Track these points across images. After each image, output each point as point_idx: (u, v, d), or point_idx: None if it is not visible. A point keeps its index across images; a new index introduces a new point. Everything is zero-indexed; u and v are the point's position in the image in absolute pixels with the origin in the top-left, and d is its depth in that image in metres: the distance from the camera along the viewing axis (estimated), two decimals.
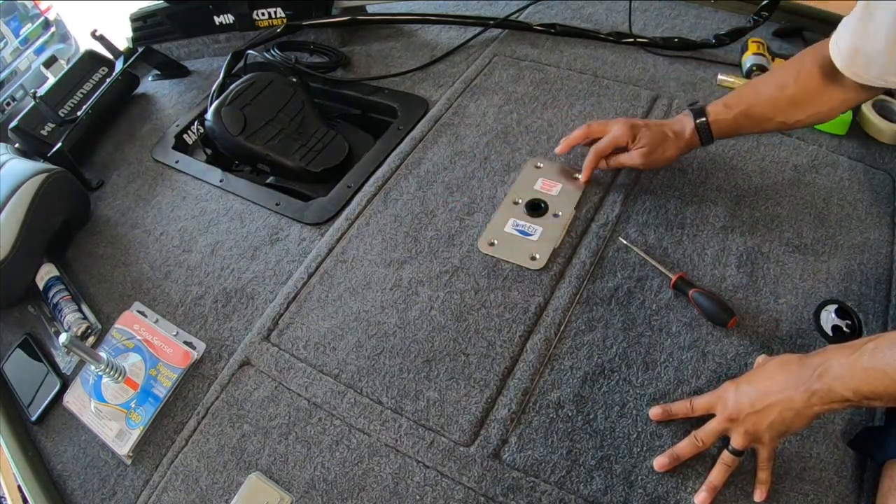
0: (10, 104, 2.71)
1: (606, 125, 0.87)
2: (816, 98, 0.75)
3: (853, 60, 0.67)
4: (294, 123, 1.04)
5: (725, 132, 0.82)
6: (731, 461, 0.62)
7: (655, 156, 0.83)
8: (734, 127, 0.81)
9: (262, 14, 1.23)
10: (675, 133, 0.83)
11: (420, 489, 0.66)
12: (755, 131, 0.84)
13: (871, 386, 0.53)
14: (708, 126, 0.81)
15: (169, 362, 0.82)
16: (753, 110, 0.79)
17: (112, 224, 1.05)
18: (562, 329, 0.76)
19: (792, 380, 0.58)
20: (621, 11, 1.20)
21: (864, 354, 0.54)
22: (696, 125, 0.81)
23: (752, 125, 0.81)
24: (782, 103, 0.77)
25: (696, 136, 0.82)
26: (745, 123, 0.81)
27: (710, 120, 0.81)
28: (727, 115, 0.80)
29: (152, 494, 0.73)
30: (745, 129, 0.83)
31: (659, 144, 0.83)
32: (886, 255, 0.80)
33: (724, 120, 0.80)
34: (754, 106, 0.79)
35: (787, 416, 0.58)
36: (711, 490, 0.61)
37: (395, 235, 0.89)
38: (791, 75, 0.76)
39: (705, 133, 0.82)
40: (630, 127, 0.84)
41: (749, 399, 0.60)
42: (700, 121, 0.81)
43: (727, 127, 0.81)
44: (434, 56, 1.18)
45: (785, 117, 0.78)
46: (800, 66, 0.76)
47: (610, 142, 0.85)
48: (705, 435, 0.63)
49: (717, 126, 0.81)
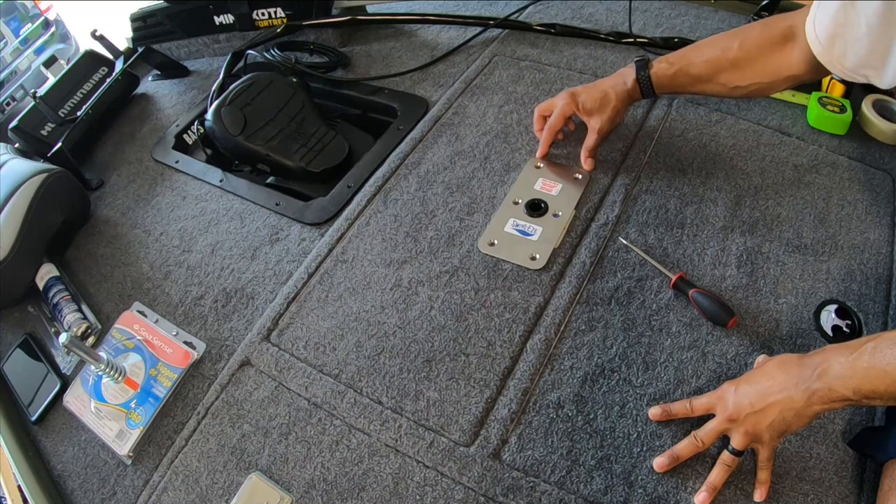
0: (10, 104, 2.72)
1: (551, 103, 0.92)
2: (759, 66, 0.76)
3: (830, 48, 0.66)
4: (294, 123, 1.04)
5: (666, 87, 0.85)
6: (731, 461, 0.62)
7: (606, 117, 0.87)
8: (674, 83, 0.84)
9: (262, 14, 1.23)
10: (615, 87, 0.87)
11: (420, 489, 0.66)
12: (696, 90, 0.85)
13: (871, 385, 0.53)
14: (649, 79, 0.84)
15: (169, 362, 0.82)
16: (693, 69, 0.81)
17: (112, 224, 1.05)
18: (562, 329, 0.76)
19: (792, 380, 0.58)
20: (621, 11, 1.20)
21: (864, 354, 0.54)
22: (638, 77, 0.85)
23: (692, 83, 0.83)
24: (723, 64, 0.78)
25: (638, 88, 0.85)
26: (685, 81, 0.83)
27: (651, 73, 0.84)
28: (668, 71, 0.83)
29: (152, 494, 0.73)
30: (686, 87, 0.85)
31: (602, 102, 0.87)
32: (886, 255, 0.80)
33: (664, 75, 0.83)
34: (695, 64, 0.81)
35: (787, 416, 0.58)
36: (711, 490, 0.61)
37: (395, 235, 0.89)
38: (737, 40, 0.77)
39: (646, 86, 0.85)
40: (571, 95, 0.88)
41: (749, 399, 0.60)
42: (642, 74, 0.84)
43: (668, 82, 0.84)
44: (434, 56, 1.18)
45: (725, 80, 0.79)
46: (747, 32, 0.77)
47: (558, 115, 0.89)
48: (705, 435, 0.63)
49: (658, 80, 0.84)
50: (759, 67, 0.76)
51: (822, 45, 0.67)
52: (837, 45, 0.65)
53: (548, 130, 0.92)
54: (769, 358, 0.65)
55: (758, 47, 0.76)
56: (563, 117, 0.90)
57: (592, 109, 0.87)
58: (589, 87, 0.89)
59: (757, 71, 0.77)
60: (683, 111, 0.98)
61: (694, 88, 0.85)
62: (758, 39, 0.76)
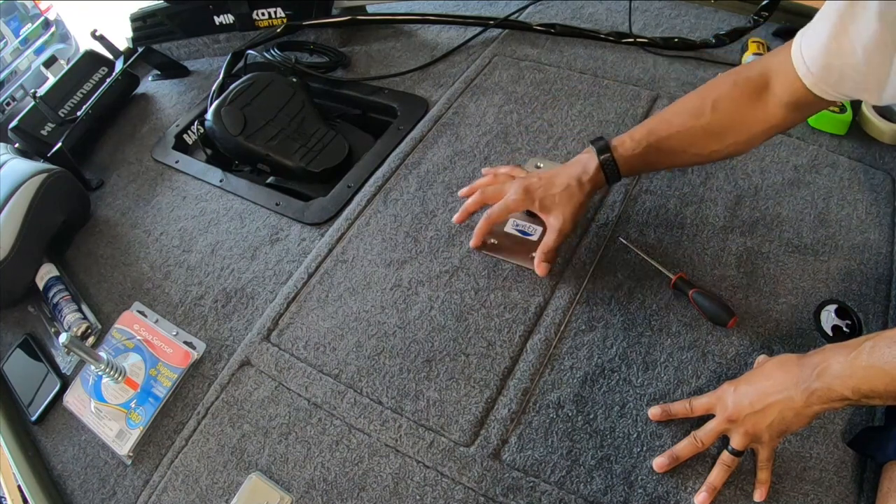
0: (10, 104, 2.72)
1: (502, 189, 0.79)
2: (736, 126, 0.69)
3: (824, 77, 0.61)
4: (294, 123, 1.04)
5: (634, 168, 0.75)
6: (731, 461, 0.62)
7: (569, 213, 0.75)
8: (643, 162, 0.74)
9: (262, 14, 1.23)
10: (577, 178, 0.75)
11: (420, 489, 0.66)
12: (667, 165, 0.77)
13: (870, 384, 0.53)
14: (614, 162, 0.74)
15: (169, 362, 0.82)
16: (665, 143, 0.72)
17: (112, 224, 1.05)
18: (562, 329, 0.76)
19: (791, 379, 0.58)
20: (621, 11, 1.20)
21: (862, 353, 0.54)
22: (601, 162, 0.74)
23: (663, 159, 0.74)
24: (697, 134, 0.70)
25: (602, 174, 0.75)
26: (656, 158, 0.73)
27: (616, 155, 0.73)
28: (635, 150, 0.73)
29: (152, 494, 0.73)
30: (657, 164, 0.76)
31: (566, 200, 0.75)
32: (886, 255, 0.80)
33: (631, 155, 0.73)
34: (666, 139, 0.72)
35: (787, 416, 0.58)
36: (711, 490, 0.61)
37: (395, 235, 0.89)
38: (707, 103, 0.70)
39: (611, 170, 0.74)
40: (525, 192, 0.77)
41: (748, 399, 0.60)
42: (604, 157, 0.74)
43: (636, 162, 0.73)
44: (434, 56, 1.18)
45: (699, 149, 0.71)
46: (717, 91, 0.70)
47: (502, 209, 0.78)
48: (705, 435, 0.63)
49: (625, 162, 0.73)
50: (737, 127, 0.69)
51: (815, 76, 0.62)
52: (832, 75, 0.61)
53: (485, 221, 0.80)
54: (769, 358, 0.65)
55: (733, 105, 0.69)
56: (506, 212, 0.79)
57: (551, 206, 0.76)
58: (545, 179, 0.77)
59: (735, 131, 0.70)
60: None
61: (666, 163, 0.77)
62: (731, 96, 0.69)
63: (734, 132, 0.70)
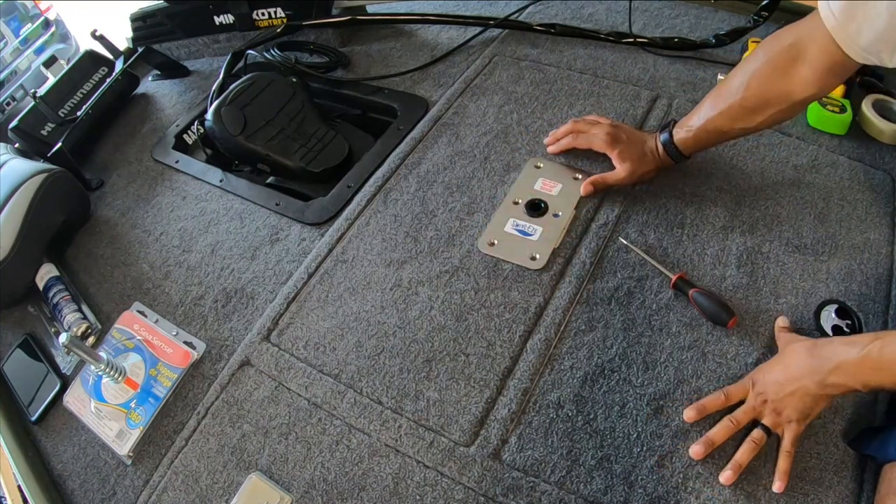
0: (10, 104, 2.72)
1: (591, 127, 0.90)
2: (774, 99, 0.74)
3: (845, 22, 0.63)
4: (294, 123, 1.04)
5: (692, 148, 0.84)
6: (760, 438, 0.64)
7: (638, 173, 0.85)
8: (699, 143, 0.83)
9: (262, 14, 1.23)
10: (652, 150, 0.86)
11: (420, 489, 0.66)
12: (723, 140, 0.85)
13: (879, 380, 0.59)
14: (675, 146, 0.84)
15: (169, 362, 0.82)
16: (711, 125, 0.80)
17: (112, 224, 1.05)
18: (562, 329, 0.76)
19: (805, 371, 0.62)
20: (621, 11, 1.20)
21: (871, 353, 0.58)
22: (665, 147, 0.84)
23: (716, 137, 0.83)
24: (738, 112, 0.77)
25: (667, 156, 0.85)
26: (709, 138, 0.82)
27: (675, 140, 0.83)
28: (689, 135, 0.82)
29: (152, 494, 0.73)
30: (712, 142, 0.84)
31: (639, 160, 0.86)
32: (886, 255, 0.80)
33: (688, 138, 0.83)
34: (712, 120, 0.80)
35: (807, 402, 0.63)
36: (737, 468, 0.63)
37: (395, 235, 0.89)
38: (742, 82, 0.76)
39: (674, 153, 0.84)
40: (612, 138, 0.87)
41: (774, 386, 0.64)
42: (667, 143, 0.84)
43: (692, 143, 0.83)
44: (434, 56, 1.18)
45: (745, 123, 0.78)
46: (751, 69, 0.75)
47: (586, 142, 0.89)
48: (742, 415, 0.66)
49: (684, 145, 0.83)
50: (775, 99, 0.74)
51: (837, 20, 0.63)
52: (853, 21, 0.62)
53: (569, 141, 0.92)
54: (788, 330, 0.71)
55: (767, 81, 0.74)
56: (589, 145, 0.90)
57: (627, 158, 0.85)
58: (629, 134, 0.88)
59: (773, 103, 0.75)
60: (683, 111, 0.98)
61: (721, 139, 0.85)
62: (764, 72, 0.74)
63: (773, 104, 0.75)
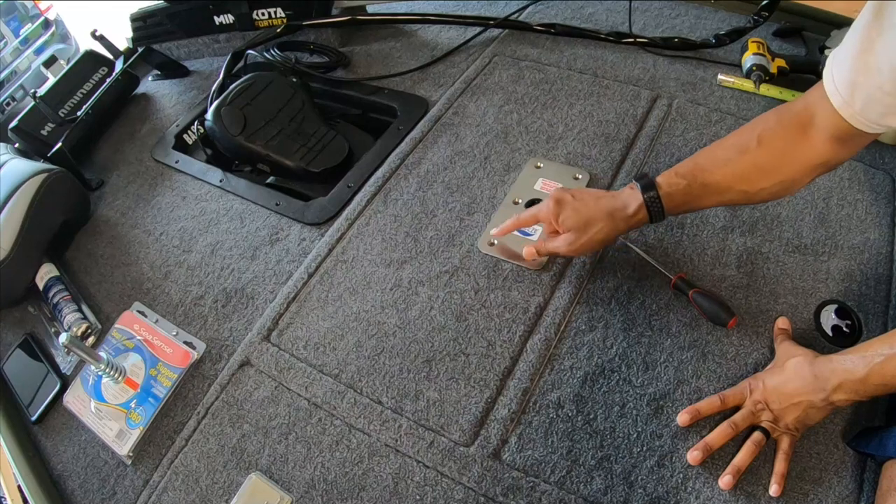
0: (10, 104, 2.72)
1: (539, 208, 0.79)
2: (783, 161, 0.66)
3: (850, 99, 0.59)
4: (294, 123, 1.04)
5: (679, 206, 0.71)
6: (760, 440, 0.64)
7: (580, 242, 0.73)
8: (688, 197, 0.70)
9: (262, 14, 1.23)
10: (611, 212, 0.73)
11: (420, 489, 0.66)
12: (713, 203, 0.72)
13: (885, 392, 0.59)
14: (659, 200, 0.70)
15: (169, 362, 0.82)
16: (710, 178, 0.69)
17: (112, 224, 1.05)
18: (562, 329, 0.76)
19: (808, 386, 0.62)
20: (621, 11, 1.20)
21: (873, 372, 0.58)
22: (645, 200, 0.71)
23: (709, 195, 0.70)
24: (744, 169, 0.68)
25: (646, 212, 0.72)
26: (702, 194, 0.70)
27: (661, 193, 0.70)
28: (680, 186, 0.70)
29: (152, 494, 0.73)
30: (703, 201, 0.72)
31: (584, 228, 0.73)
32: (886, 255, 0.80)
33: (677, 192, 0.70)
34: (711, 173, 0.69)
35: (811, 413, 0.63)
36: (736, 472, 0.63)
37: (395, 235, 0.89)
38: (753, 137, 0.67)
39: (656, 208, 0.71)
40: (556, 202, 0.75)
41: (778, 392, 0.64)
42: (649, 195, 0.71)
43: (681, 199, 0.71)
44: (434, 56, 1.18)
45: (748, 185, 0.68)
46: (762, 126, 0.68)
47: (530, 217, 0.78)
48: (740, 419, 0.65)
49: (671, 199, 0.70)
50: (784, 162, 0.66)
51: (843, 97, 0.59)
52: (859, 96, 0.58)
53: (514, 221, 0.80)
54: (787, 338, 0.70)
55: (778, 138, 0.66)
56: (534, 220, 0.79)
57: (572, 228, 0.74)
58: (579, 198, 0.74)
59: (782, 166, 0.67)
60: (683, 111, 0.98)
61: (712, 201, 0.71)
62: (776, 130, 0.66)
63: (781, 168, 0.67)
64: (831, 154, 0.64)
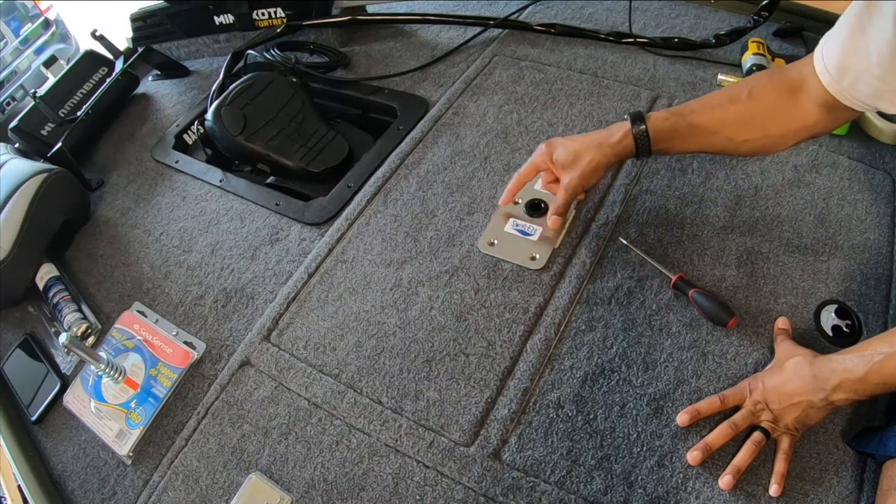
0: (10, 104, 2.72)
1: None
2: (771, 117, 0.69)
3: (839, 78, 0.61)
4: (294, 123, 1.04)
5: (666, 142, 0.73)
6: (760, 440, 0.64)
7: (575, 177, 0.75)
8: (675, 136, 0.73)
9: (262, 14, 1.23)
10: (599, 142, 0.75)
11: (420, 489, 0.66)
12: (698, 146, 0.74)
13: (885, 390, 0.60)
14: (646, 132, 0.73)
15: (169, 362, 0.82)
16: (699, 119, 0.72)
17: (112, 224, 1.05)
18: (562, 329, 0.76)
19: (808, 387, 0.62)
20: (621, 11, 1.20)
21: (872, 372, 0.58)
22: (633, 132, 0.73)
23: (695, 136, 0.73)
24: (732, 117, 0.70)
25: (632, 140, 0.74)
26: (688, 133, 0.73)
27: (649, 125, 0.73)
28: (668, 122, 0.72)
29: (152, 494, 0.73)
30: (688, 142, 0.74)
31: (576, 156, 0.75)
32: (886, 255, 0.80)
33: (664, 128, 0.72)
34: (698, 113, 0.72)
35: (810, 413, 0.63)
36: (736, 472, 0.63)
37: (395, 235, 0.89)
38: (745, 90, 0.70)
39: (643, 140, 0.73)
40: (548, 145, 0.79)
41: (778, 393, 0.64)
42: (638, 127, 0.73)
43: (667, 135, 0.73)
44: (434, 56, 1.18)
45: (733, 133, 0.71)
46: (755, 82, 0.70)
47: (530, 165, 0.80)
48: (740, 419, 0.65)
49: (658, 134, 0.73)
50: (772, 118, 0.69)
51: (832, 76, 0.61)
52: (847, 76, 0.61)
53: (516, 178, 0.82)
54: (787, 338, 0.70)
55: (769, 95, 0.69)
56: (534, 168, 0.81)
57: (565, 163, 0.76)
58: (569, 138, 0.78)
59: (769, 122, 0.69)
60: None
61: (696, 141, 0.74)
62: (768, 87, 0.69)
63: (767, 123, 0.70)
64: (817, 119, 0.67)
